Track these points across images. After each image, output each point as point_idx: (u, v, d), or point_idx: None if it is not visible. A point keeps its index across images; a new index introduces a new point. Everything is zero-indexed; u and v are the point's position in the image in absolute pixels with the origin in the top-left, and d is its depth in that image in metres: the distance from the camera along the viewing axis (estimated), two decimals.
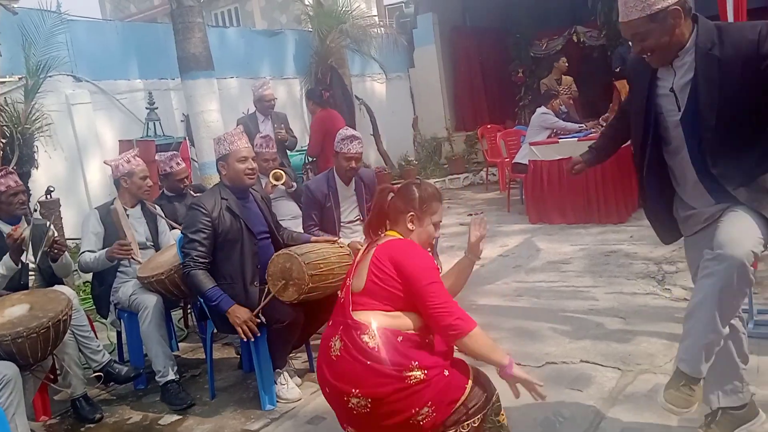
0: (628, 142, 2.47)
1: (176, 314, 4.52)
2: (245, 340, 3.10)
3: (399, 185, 2.36)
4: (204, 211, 3.21)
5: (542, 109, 7.17)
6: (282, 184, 4.51)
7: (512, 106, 11.42)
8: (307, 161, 7.26)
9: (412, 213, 2.24)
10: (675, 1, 1.98)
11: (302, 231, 4.02)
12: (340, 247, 3.34)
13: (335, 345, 2.12)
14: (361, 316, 2.10)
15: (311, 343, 3.71)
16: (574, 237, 5.88)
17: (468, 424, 2.07)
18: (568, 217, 6.39)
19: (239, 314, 3.09)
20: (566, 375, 3.16)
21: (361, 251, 2.30)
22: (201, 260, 3.17)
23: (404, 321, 2.11)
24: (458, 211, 7.98)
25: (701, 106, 2.05)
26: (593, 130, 6.81)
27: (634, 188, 6.60)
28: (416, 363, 2.02)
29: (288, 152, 6.42)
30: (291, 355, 3.55)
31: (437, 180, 10.17)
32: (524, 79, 11.13)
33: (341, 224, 4.06)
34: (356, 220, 4.12)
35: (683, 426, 2.55)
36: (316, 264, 3.09)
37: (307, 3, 10.62)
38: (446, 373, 2.07)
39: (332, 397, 2.16)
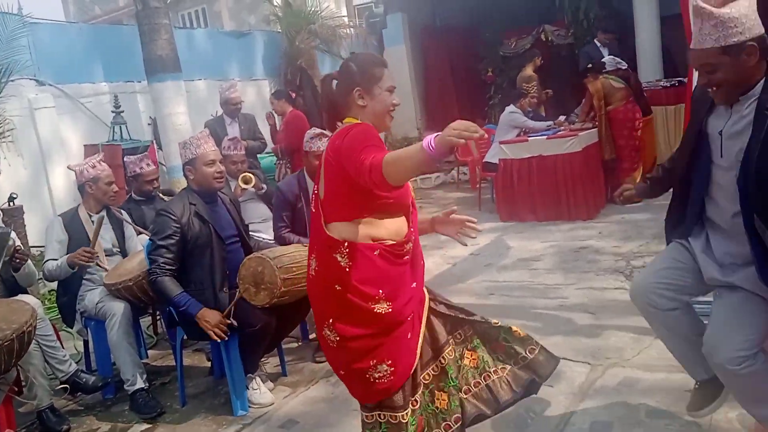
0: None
1: (145, 321, 4.45)
2: (217, 341, 3.07)
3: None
4: (173, 216, 3.17)
5: (511, 107, 7.23)
6: (252, 187, 4.47)
7: (482, 105, 11.49)
8: (280, 158, 7.02)
9: (357, 88, 2.05)
10: (753, 37, 1.87)
11: (273, 232, 4.00)
12: None
13: (312, 264, 2.08)
14: (335, 229, 2.00)
15: (283, 346, 3.69)
16: (544, 234, 5.94)
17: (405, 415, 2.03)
18: (538, 214, 6.45)
19: (209, 317, 3.06)
20: None
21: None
22: (168, 267, 3.13)
23: (378, 227, 2.01)
24: (430, 211, 7.99)
25: (749, 165, 1.90)
26: (561, 128, 6.89)
27: (603, 184, 6.71)
28: (383, 293, 1.97)
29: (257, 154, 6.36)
30: (263, 359, 3.52)
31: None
32: (494, 78, 11.20)
33: None
34: None
35: (651, 419, 2.60)
36: (289, 267, 3.07)
37: (275, 3, 10.54)
38: (409, 336, 2.06)
39: (316, 319, 2.13)
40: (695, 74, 3.28)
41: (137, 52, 6.49)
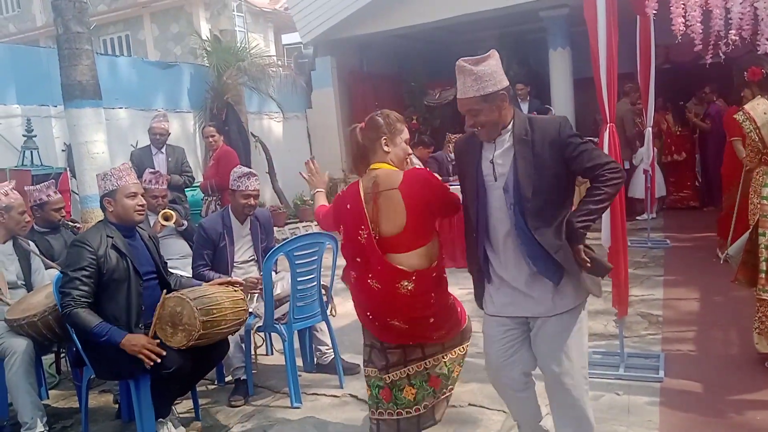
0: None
1: (47, 359, 4.17)
2: (150, 365, 2.89)
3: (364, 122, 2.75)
4: (89, 248, 3.03)
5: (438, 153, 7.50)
6: (172, 224, 4.36)
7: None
8: (209, 195, 6.79)
9: (384, 137, 2.65)
10: (502, 87, 2.33)
11: (192, 270, 3.90)
12: (234, 290, 3.25)
13: (407, 285, 2.59)
14: (408, 258, 2.62)
15: (198, 389, 3.56)
16: (463, 281, 5.95)
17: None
18: (458, 261, 6.58)
19: (136, 341, 2.91)
20: (455, 419, 3.23)
21: (363, 193, 2.61)
22: (83, 300, 2.97)
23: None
24: None
25: (520, 178, 2.34)
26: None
27: None
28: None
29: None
30: (175, 402, 3.38)
31: None
32: (418, 125, 11.52)
33: (234, 264, 3.97)
34: (250, 260, 4.04)
35: None
36: (209, 309, 2.99)
37: (204, 38, 10.48)
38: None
39: (409, 323, 2.72)
40: (606, 135, 3.54)
41: (54, 76, 6.24)
